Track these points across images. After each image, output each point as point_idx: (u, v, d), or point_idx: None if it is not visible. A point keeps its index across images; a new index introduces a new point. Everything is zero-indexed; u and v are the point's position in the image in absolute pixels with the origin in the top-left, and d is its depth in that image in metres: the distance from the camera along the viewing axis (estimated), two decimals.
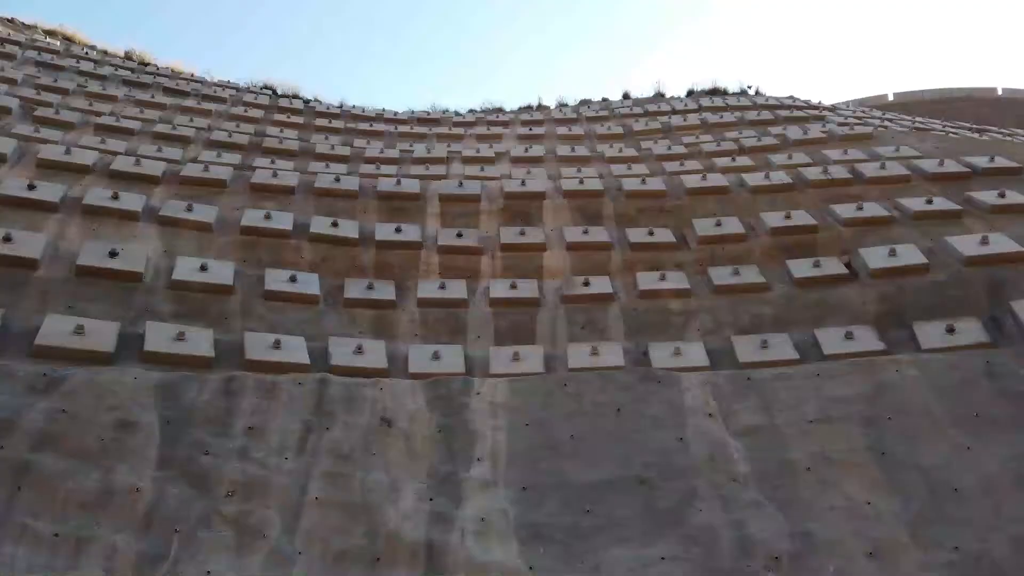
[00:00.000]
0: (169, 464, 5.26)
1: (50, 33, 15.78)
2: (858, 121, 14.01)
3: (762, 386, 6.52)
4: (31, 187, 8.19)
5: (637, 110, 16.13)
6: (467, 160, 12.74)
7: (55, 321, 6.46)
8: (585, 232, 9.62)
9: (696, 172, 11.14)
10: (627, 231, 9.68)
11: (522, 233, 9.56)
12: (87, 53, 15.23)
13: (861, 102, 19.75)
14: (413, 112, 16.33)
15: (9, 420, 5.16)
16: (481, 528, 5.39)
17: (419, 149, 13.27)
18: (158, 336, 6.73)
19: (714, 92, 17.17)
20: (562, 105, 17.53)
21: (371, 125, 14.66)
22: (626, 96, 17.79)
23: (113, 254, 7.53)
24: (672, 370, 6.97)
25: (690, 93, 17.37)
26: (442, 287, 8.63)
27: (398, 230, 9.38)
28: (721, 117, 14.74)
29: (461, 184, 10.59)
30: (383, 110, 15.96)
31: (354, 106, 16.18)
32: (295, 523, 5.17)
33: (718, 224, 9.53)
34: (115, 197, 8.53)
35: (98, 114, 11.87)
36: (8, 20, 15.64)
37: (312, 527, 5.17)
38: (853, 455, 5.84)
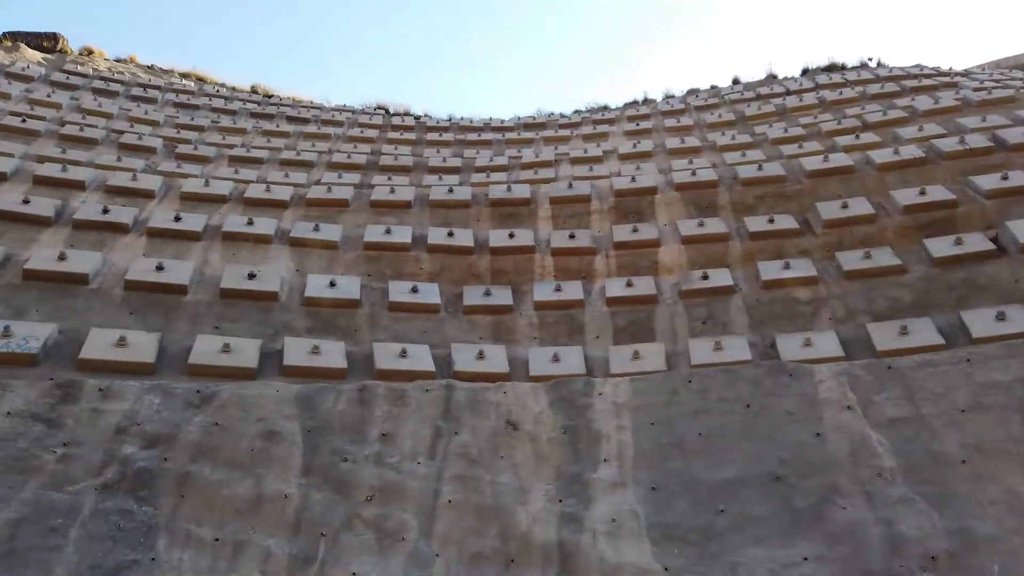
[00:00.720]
0: (312, 471, 5.57)
1: (185, 75, 17.13)
2: (996, 84, 12.87)
3: (904, 375, 6.13)
4: (177, 219, 8.92)
5: (748, 94, 15.57)
6: (575, 161, 12.73)
7: (205, 341, 7.00)
8: (700, 224, 9.39)
9: (816, 153, 10.61)
10: (745, 220, 9.36)
11: (635, 230, 9.45)
12: (217, 91, 16.42)
13: (997, 64, 18.11)
14: (519, 118, 16.50)
15: (171, 434, 5.64)
16: (612, 529, 5.37)
17: (527, 154, 13.39)
18: (295, 350, 7.14)
19: (831, 69, 16.30)
20: (669, 97, 17.17)
21: (479, 135, 14.94)
22: (736, 81, 17.20)
23: (251, 276, 8.07)
24: (803, 362, 6.67)
25: (805, 72, 16.57)
26: (558, 289, 8.67)
27: (511, 235, 9.51)
28: (840, 94, 13.97)
29: (571, 185, 10.60)
30: (490, 119, 16.22)
31: (462, 118, 16.55)
32: (431, 525, 5.34)
33: (844, 206, 9.04)
34: (250, 223, 9.14)
35: (230, 147, 12.76)
36: (148, 67, 17.11)
37: (447, 529, 5.33)
38: (1013, 445, 5.38)
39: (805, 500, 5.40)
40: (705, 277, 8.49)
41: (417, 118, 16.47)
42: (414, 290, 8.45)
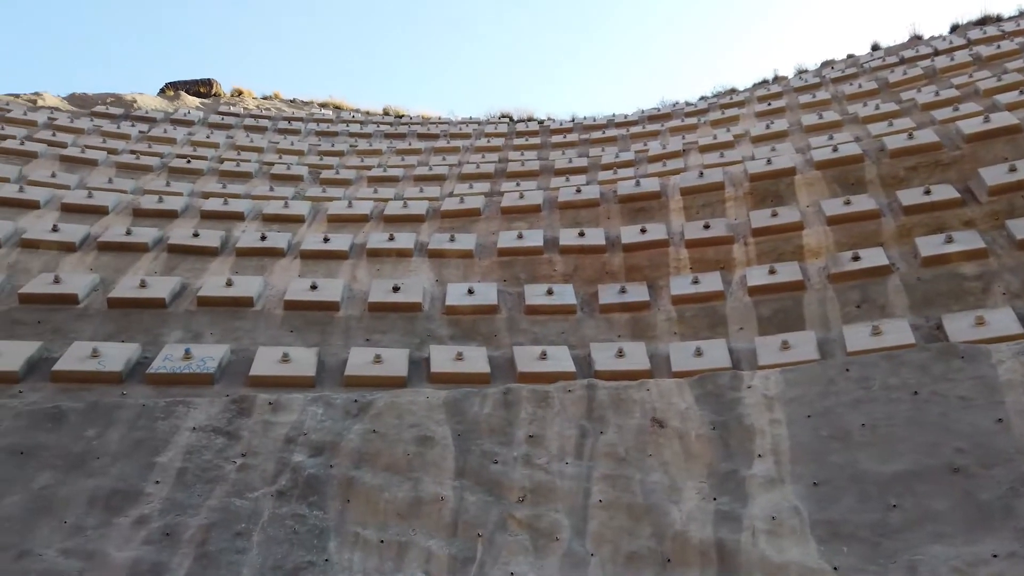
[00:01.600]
0: (464, 473, 5.74)
1: (323, 105, 18.24)
2: None
3: None
4: (326, 240, 9.50)
5: (891, 59, 14.51)
6: (704, 149, 12.38)
7: (358, 353, 7.40)
8: (847, 203, 8.84)
9: (975, 115, 9.72)
10: (898, 194, 8.72)
11: (774, 214, 9.04)
12: (353, 116, 17.35)
13: None
14: (643, 112, 16.26)
15: (334, 442, 6.01)
16: (772, 527, 5.15)
17: (653, 147, 13.16)
18: (441, 358, 7.41)
19: (984, 22, 14.88)
20: (801, 72, 16.32)
21: (603, 132, 14.85)
22: (875, 47, 16.08)
23: (396, 289, 8.46)
24: (976, 342, 6.11)
25: (954, 28, 15.22)
26: (695, 282, 8.45)
27: (643, 230, 9.37)
28: (998, 47, 12.72)
29: (701, 174, 10.31)
30: (613, 116, 16.08)
31: (585, 117, 16.52)
32: (584, 525, 5.36)
33: (1012, 169, 8.21)
34: (391, 239, 9.58)
35: (368, 168, 13.45)
36: (291, 101, 18.36)
37: (600, 529, 5.33)
38: None
39: (991, 492, 4.95)
40: (856, 258, 7.99)
41: (540, 122, 16.63)
42: (549, 292, 8.52)
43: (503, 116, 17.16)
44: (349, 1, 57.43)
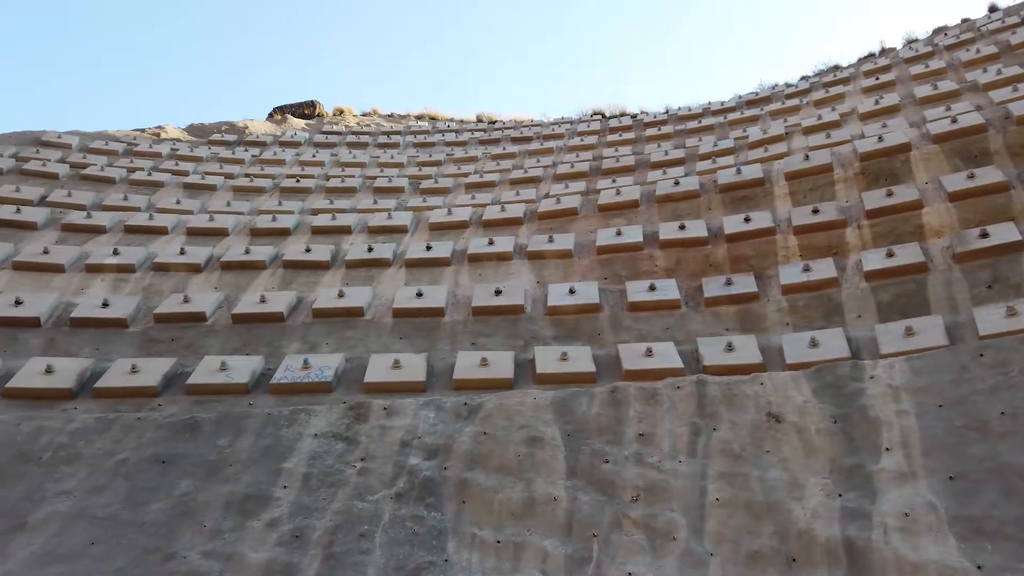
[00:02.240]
0: (576, 473, 5.74)
1: (419, 117, 18.73)
2: None
3: None
4: (428, 248, 9.75)
5: (1012, 20, 13.42)
6: (809, 130, 11.86)
7: (465, 357, 7.55)
8: (970, 176, 8.25)
9: None
10: None
11: (890, 194, 8.56)
12: (448, 126, 17.71)
13: None
14: (739, 97, 15.77)
15: (447, 445, 6.15)
16: (906, 524, 4.87)
17: (754, 132, 12.73)
18: (546, 358, 7.44)
19: None
20: (911, 41, 15.38)
21: (699, 121, 14.50)
22: (993, 9, 14.94)
23: (498, 292, 8.57)
24: None
25: None
26: (806, 269, 8.11)
27: (747, 219, 9.08)
28: None
29: (807, 157, 9.88)
30: (708, 104, 15.68)
31: (679, 108, 16.19)
32: (701, 524, 5.24)
33: None
34: (491, 243, 9.71)
35: (465, 175, 13.69)
36: (389, 116, 18.95)
37: (719, 528, 5.20)
38: None
39: None
40: (984, 235, 7.44)
41: (633, 116, 16.42)
42: (652, 288, 8.39)
43: (595, 114, 17.06)
44: (437, 15, 58.69)
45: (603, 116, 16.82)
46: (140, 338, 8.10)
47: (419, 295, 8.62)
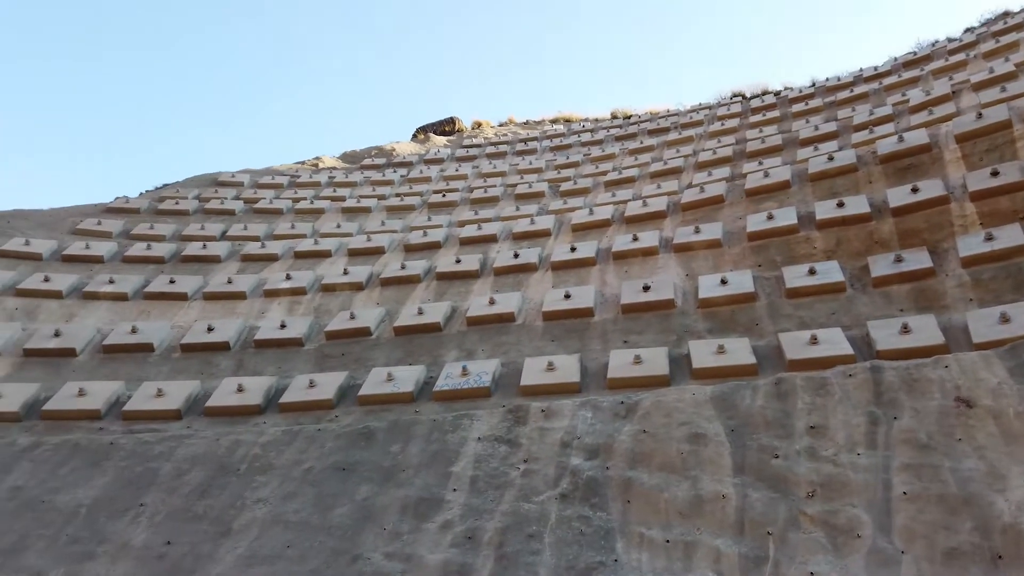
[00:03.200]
0: (743, 469, 5.55)
1: (554, 121, 18.89)
2: None
3: None
4: (573, 249, 9.80)
5: None
6: (979, 86, 10.78)
7: (618, 356, 7.51)
8: None
9: None
10: None
11: None
12: (583, 126, 17.71)
13: None
14: (895, 59, 14.61)
15: (607, 444, 6.15)
16: None
17: (915, 95, 11.75)
18: (702, 353, 7.24)
19: None
20: None
21: (851, 91, 13.58)
22: None
23: (646, 288, 8.46)
24: None
25: None
26: (989, 238, 7.36)
27: (914, 190, 8.39)
28: None
29: (980, 115, 8.98)
30: (859, 71, 14.64)
31: (827, 79, 15.25)
32: (888, 520, 4.90)
33: None
34: (635, 239, 9.60)
35: (604, 173, 13.64)
36: (524, 123, 19.25)
37: (908, 524, 4.83)
38: None
39: None
40: None
41: (777, 94, 15.65)
42: (811, 272, 7.95)
43: (735, 96, 16.43)
44: (562, 20, 58.83)
45: (744, 97, 16.17)
46: (315, 355, 8.74)
47: (567, 297, 8.68)
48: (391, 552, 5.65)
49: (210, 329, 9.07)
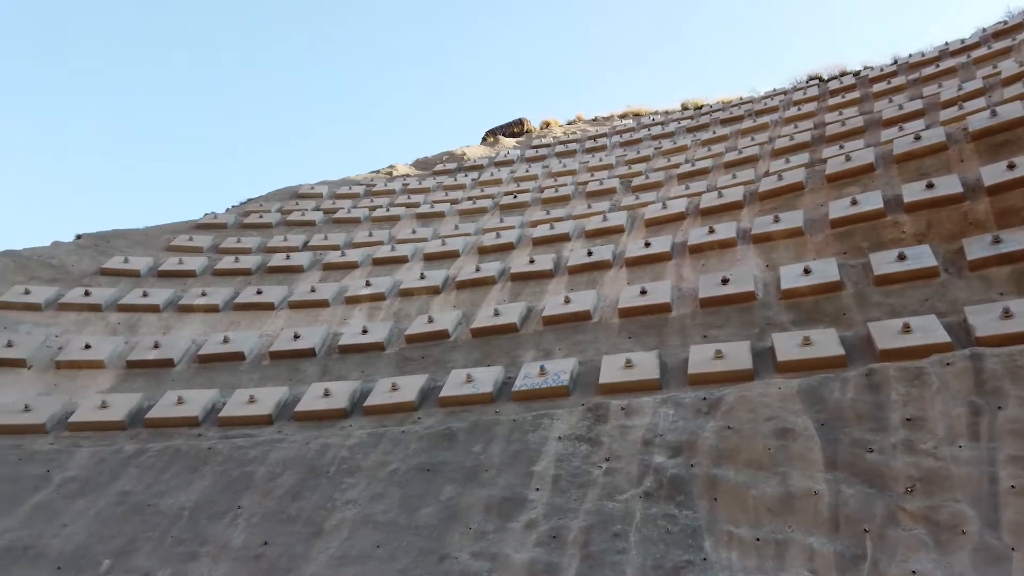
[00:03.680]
0: (836, 465, 5.36)
1: (623, 116, 18.70)
2: None
3: None
4: (647, 245, 9.67)
5: None
6: None
7: (698, 351, 7.37)
8: None
9: None
10: None
11: None
12: (653, 120, 17.47)
13: None
14: (983, 30, 13.80)
15: (690, 441, 6.04)
16: None
17: (1007, 67, 11.09)
18: (786, 345, 7.03)
19: None
20: None
21: (936, 66, 12.92)
22: None
23: (724, 281, 8.27)
24: None
25: None
26: None
27: (1011, 166, 7.91)
28: None
29: None
30: (944, 44, 13.91)
31: (909, 55, 14.56)
32: (994, 516, 4.63)
33: None
34: (711, 231, 9.41)
35: (676, 166, 13.41)
36: (593, 120, 19.14)
37: (1018, 519, 4.56)
38: None
39: None
40: None
41: (856, 74, 15.05)
42: (901, 257, 7.60)
43: (811, 79, 15.88)
44: (625, 12, 58.19)
45: (821, 80, 15.61)
46: (396, 358, 8.93)
47: (643, 293, 8.58)
48: (477, 551, 5.71)
49: (296, 337, 9.39)
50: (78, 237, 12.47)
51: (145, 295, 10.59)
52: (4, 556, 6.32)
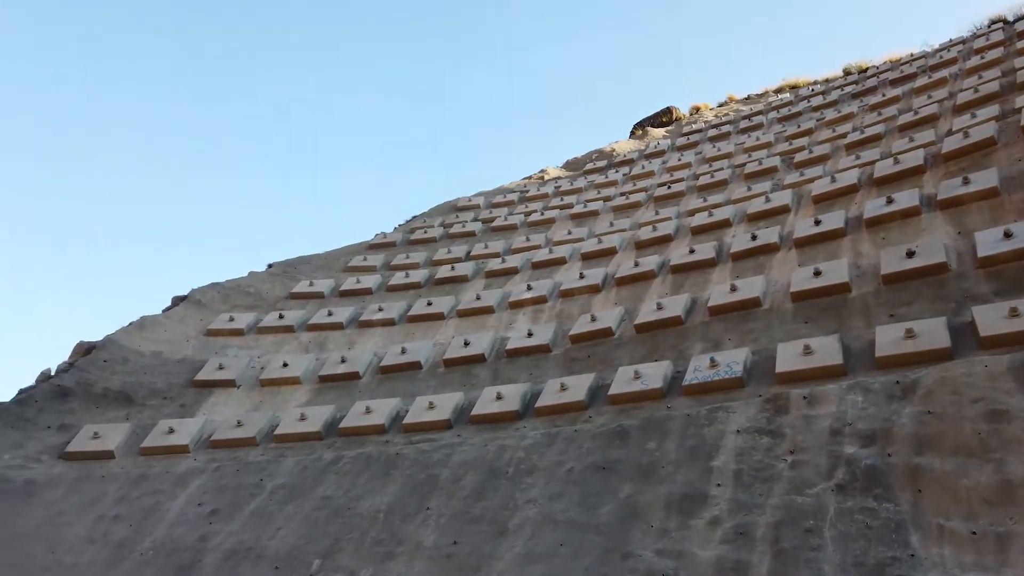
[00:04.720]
0: None
1: (778, 91, 17.74)
2: None
3: None
4: (817, 222, 9.11)
5: None
6: None
7: (885, 332, 6.83)
8: None
9: None
10: None
11: None
12: (812, 90, 16.44)
13: None
14: None
15: (884, 429, 5.61)
16: None
17: None
18: (990, 318, 6.34)
19: None
20: None
21: None
22: None
23: (910, 254, 7.61)
24: None
25: None
26: None
27: None
28: None
29: None
30: None
31: None
32: None
33: None
34: (890, 202, 8.69)
35: (843, 136, 12.52)
36: (745, 99, 18.32)
37: None
38: None
39: None
40: None
41: None
42: None
43: (994, 23, 14.24)
44: None
45: (1005, 22, 13.96)
46: (562, 359, 9.03)
47: (817, 274, 8.08)
48: (661, 549, 5.64)
49: (466, 344, 9.76)
50: (269, 266, 13.73)
51: (330, 314, 11.45)
52: (231, 557, 7.08)
